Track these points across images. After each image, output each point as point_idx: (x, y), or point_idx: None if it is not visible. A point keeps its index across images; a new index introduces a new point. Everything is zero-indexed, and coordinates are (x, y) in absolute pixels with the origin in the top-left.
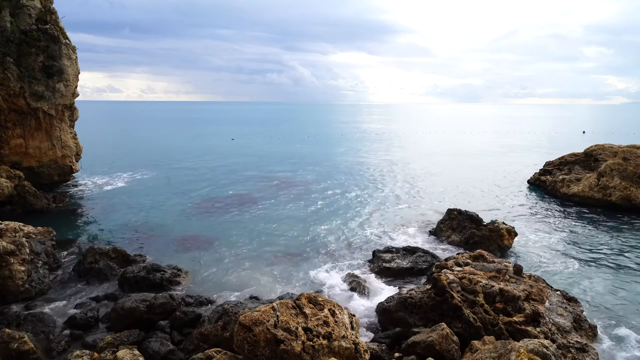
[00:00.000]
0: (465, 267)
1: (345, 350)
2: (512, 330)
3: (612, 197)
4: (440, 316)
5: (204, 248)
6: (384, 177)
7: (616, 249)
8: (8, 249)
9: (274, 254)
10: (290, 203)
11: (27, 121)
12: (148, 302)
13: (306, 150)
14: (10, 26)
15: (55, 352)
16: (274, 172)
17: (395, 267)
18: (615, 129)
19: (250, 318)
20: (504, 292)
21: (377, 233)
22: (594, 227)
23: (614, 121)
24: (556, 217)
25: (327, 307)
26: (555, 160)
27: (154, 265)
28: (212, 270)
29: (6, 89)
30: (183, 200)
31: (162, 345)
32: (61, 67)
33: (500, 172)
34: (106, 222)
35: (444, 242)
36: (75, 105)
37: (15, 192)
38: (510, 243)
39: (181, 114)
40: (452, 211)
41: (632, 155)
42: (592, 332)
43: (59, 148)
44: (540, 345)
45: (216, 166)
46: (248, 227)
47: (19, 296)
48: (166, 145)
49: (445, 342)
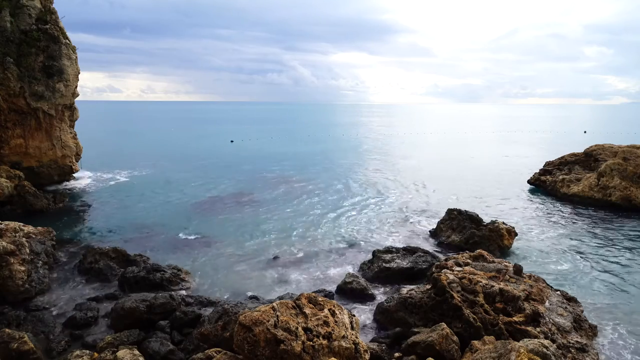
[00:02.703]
0: (465, 267)
1: (345, 350)
2: (512, 330)
3: (612, 197)
4: (440, 316)
5: (204, 248)
6: (383, 177)
7: (616, 249)
8: (8, 249)
9: (274, 254)
10: (290, 203)
11: (27, 121)
12: (148, 302)
13: (306, 151)
14: (10, 26)
15: (55, 352)
16: (274, 172)
17: (395, 267)
18: (615, 129)
19: (250, 318)
20: (504, 292)
21: (377, 233)
22: (594, 227)
23: (614, 121)
24: (556, 217)
25: (327, 307)
26: (555, 160)
27: (154, 265)
28: (212, 270)
29: (6, 89)
30: (183, 201)
31: (162, 345)
32: (61, 67)
33: (500, 172)
34: (106, 222)
35: (444, 242)
36: (75, 105)
37: (15, 192)
38: (510, 243)
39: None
40: (452, 211)
41: (632, 155)
42: (592, 332)
43: (59, 148)
44: (540, 345)
45: (216, 166)
46: (248, 227)
47: (19, 296)
48: (166, 146)
49: (445, 342)
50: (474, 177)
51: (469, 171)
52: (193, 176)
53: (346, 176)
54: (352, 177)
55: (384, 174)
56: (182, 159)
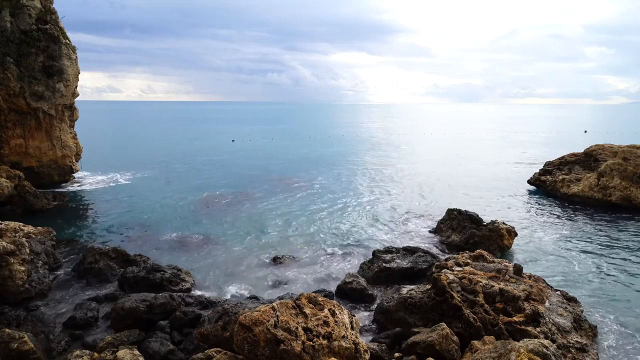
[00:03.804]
0: (465, 267)
1: (345, 350)
2: (512, 330)
3: (612, 197)
4: (440, 316)
5: (204, 248)
6: (383, 177)
7: (616, 249)
8: (8, 249)
9: (274, 254)
10: (290, 203)
11: (27, 121)
12: (148, 302)
13: (306, 151)
14: (10, 26)
15: (55, 352)
16: (274, 172)
17: (395, 267)
18: (615, 129)
19: (250, 318)
20: (504, 292)
21: (377, 233)
22: (594, 227)
23: (614, 121)
24: (556, 217)
25: (327, 307)
26: (555, 160)
27: (154, 266)
28: (212, 270)
29: (6, 89)
30: (183, 200)
31: (162, 345)
32: (61, 67)
33: (500, 172)
34: (106, 222)
35: (444, 242)
36: (75, 105)
37: (15, 192)
38: (510, 243)
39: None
40: (452, 211)
41: (632, 155)
42: (592, 332)
43: (59, 148)
44: (540, 345)
45: (216, 166)
46: (248, 227)
47: (19, 296)
48: (166, 145)
49: (445, 342)
50: (474, 177)
51: (469, 171)
52: (193, 176)
53: (346, 176)
54: (352, 177)
55: (384, 174)
56: (182, 159)
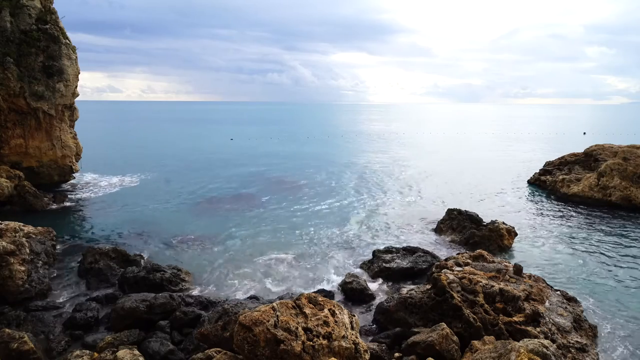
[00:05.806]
0: (465, 267)
1: (345, 350)
2: (512, 330)
3: (612, 197)
4: (440, 316)
5: (204, 248)
6: (383, 177)
7: (616, 249)
8: (8, 249)
9: (274, 254)
10: (290, 203)
11: (27, 121)
12: (148, 302)
13: (306, 151)
14: (10, 26)
15: (55, 352)
16: (273, 172)
17: (395, 267)
18: (615, 129)
19: (250, 318)
20: (504, 292)
21: (377, 233)
22: (594, 227)
23: (614, 121)
24: (556, 217)
25: (327, 307)
26: (555, 160)
27: (154, 266)
28: (212, 270)
29: (6, 89)
30: (183, 200)
31: (162, 345)
32: (61, 67)
33: (500, 172)
34: (106, 222)
35: (444, 242)
36: (75, 105)
37: (15, 192)
38: (510, 243)
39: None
40: (452, 211)
41: (632, 155)
42: (592, 332)
43: (59, 148)
44: (540, 345)
45: (216, 166)
46: (248, 227)
47: (19, 296)
48: (166, 146)
49: (445, 342)
50: (474, 177)
51: (469, 171)
52: (193, 176)
53: (346, 176)
54: (352, 177)
55: (384, 173)
56: (182, 158)
